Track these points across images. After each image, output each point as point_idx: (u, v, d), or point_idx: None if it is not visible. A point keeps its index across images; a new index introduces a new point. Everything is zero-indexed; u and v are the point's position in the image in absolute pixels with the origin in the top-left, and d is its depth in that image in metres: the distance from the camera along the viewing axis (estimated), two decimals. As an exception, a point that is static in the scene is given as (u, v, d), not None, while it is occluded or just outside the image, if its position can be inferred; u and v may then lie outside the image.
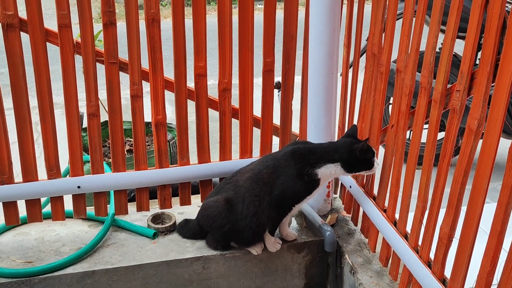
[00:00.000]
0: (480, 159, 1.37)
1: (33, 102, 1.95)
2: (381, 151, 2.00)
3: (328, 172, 1.89)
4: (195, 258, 2.07)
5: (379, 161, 1.94)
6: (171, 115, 3.15)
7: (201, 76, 2.11)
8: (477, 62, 1.85)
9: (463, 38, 1.46)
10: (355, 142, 1.91)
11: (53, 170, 2.10)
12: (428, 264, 1.68)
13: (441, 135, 1.71)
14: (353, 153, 1.87)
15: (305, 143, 2.00)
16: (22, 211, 2.15)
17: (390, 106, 3.13)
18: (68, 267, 1.99)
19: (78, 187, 2.12)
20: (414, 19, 1.68)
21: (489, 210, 1.39)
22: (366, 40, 3.21)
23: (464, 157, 1.44)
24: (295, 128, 2.37)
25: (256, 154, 2.30)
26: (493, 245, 1.35)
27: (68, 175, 2.16)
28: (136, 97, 2.09)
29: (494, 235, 1.34)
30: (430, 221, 1.65)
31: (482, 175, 1.37)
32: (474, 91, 1.41)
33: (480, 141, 1.39)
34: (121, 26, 1.85)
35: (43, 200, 2.23)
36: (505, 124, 1.32)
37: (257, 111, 2.24)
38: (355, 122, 2.23)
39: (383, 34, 1.89)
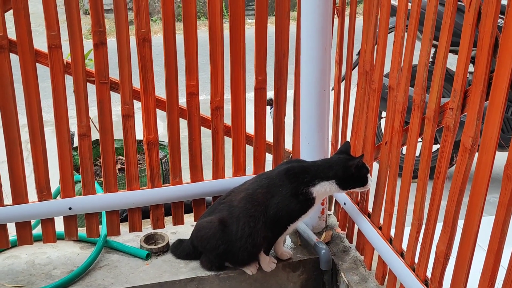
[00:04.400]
0: (475, 177, 1.37)
1: (23, 119, 1.93)
2: (375, 168, 2.00)
3: (323, 190, 1.88)
4: (189, 279, 2.03)
5: (373, 178, 1.93)
6: (162, 131, 3.13)
7: (193, 94, 2.10)
8: (469, 76, 1.86)
9: (455, 52, 1.47)
10: (350, 159, 1.89)
11: (44, 192, 2.07)
12: (425, 282, 1.67)
13: (435, 146, 1.70)
14: (349, 170, 1.86)
15: (298, 162, 1.99)
16: (12, 231, 2.11)
17: (383, 121, 3.15)
18: (59, 291, 1.95)
19: (70, 208, 2.09)
20: (406, 34, 1.68)
21: (484, 223, 1.39)
22: (357, 54, 3.24)
23: (459, 175, 1.44)
24: (288, 144, 2.36)
25: (250, 171, 2.28)
26: (490, 264, 1.34)
27: (59, 196, 2.13)
28: (128, 116, 2.07)
29: (492, 254, 1.33)
30: (426, 238, 1.64)
31: (478, 194, 1.36)
32: (467, 109, 1.41)
33: (476, 154, 1.38)
34: (112, 42, 1.83)
35: (33, 221, 2.19)
36: (499, 138, 1.31)
37: (249, 126, 2.22)
38: (348, 138, 2.23)
39: (375, 51, 1.89)
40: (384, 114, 2.93)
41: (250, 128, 2.24)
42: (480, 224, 1.38)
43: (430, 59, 1.69)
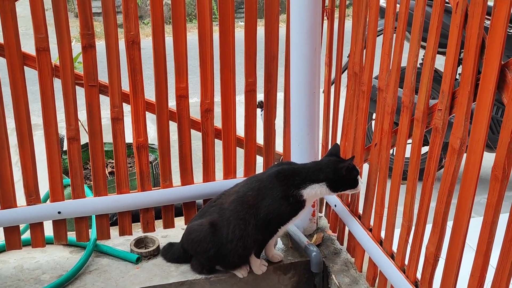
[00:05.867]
0: (464, 178, 1.37)
1: (12, 123, 1.91)
2: (365, 169, 2.00)
3: (314, 192, 1.87)
4: (180, 282, 2.02)
5: (363, 180, 1.93)
6: (153, 134, 3.13)
7: (182, 97, 2.09)
8: (457, 77, 1.87)
9: (443, 53, 1.47)
10: (340, 161, 1.89)
11: (32, 196, 2.05)
12: (415, 284, 1.67)
13: (424, 149, 1.71)
14: (339, 172, 1.86)
15: (289, 164, 1.99)
16: (0, 236, 2.09)
17: (373, 122, 3.16)
18: (48, 296, 1.94)
19: (59, 212, 2.07)
20: (394, 36, 1.68)
21: (475, 224, 1.39)
22: (347, 57, 3.24)
23: (448, 176, 1.44)
24: (279, 146, 2.36)
25: (240, 174, 2.28)
26: (479, 265, 1.34)
27: (48, 200, 2.12)
28: (117, 119, 2.06)
29: (480, 255, 1.33)
30: (416, 240, 1.64)
31: (466, 194, 1.36)
32: (455, 110, 1.41)
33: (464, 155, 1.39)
34: (101, 45, 1.83)
35: (22, 226, 2.18)
36: (488, 139, 1.32)
37: (240, 129, 2.22)
38: (338, 140, 2.23)
39: (364, 53, 1.89)
40: (375, 115, 2.93)
41: (240, 131, 2.24)
42: (469, 225, 1.38)
43: (420, 61, 1.69)
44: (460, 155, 1.40)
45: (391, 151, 1.85)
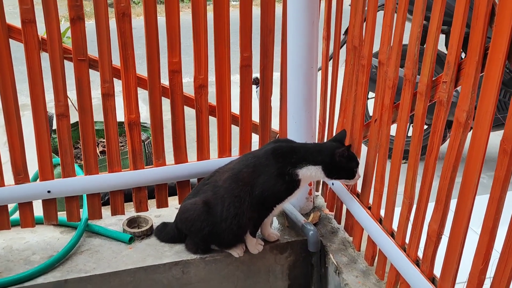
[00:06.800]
0: (470, 153, 1.32)
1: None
2: (364, 147, 1.94)
3: (309, 174, 1.83)
4: (174, 262, 1.98)
5: (361, 158, 1.88)
6: (145, 114, 3.06)
7: (175, 72, 2.02)
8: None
9: (444, 32, 1.42)
10: (339, 147, 1.84)
11: (21, 175, 1.98)
12: (416, 262, 1.63)
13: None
14: (334, 157, 1.81)
15: (287, 142, 1.93)
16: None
17: (368, 101, 3.10)
18: (38, 277, 1.88)
19: (48, 191, 2.01)
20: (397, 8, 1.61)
21: (476, 203, 1.34)
22: (344, 34, 3.17)
23: (452, 151, 1.39)
24: (275, 125, 2.29)
25: (235, 152, 2.22)
26: (485, 242, 1.30)
27: (37, 180, 2.05)
28: (108, 95, 1.99)
29: (486, 232, 1.29)
30: (417, 218, 1.60)
31: (472, 170, 1.31)
32: (461, 82, 1.35)
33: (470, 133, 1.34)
34: (90, 25, 1.75)
35: (11, 206, 2.11)
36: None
37: (235, 108, 2.16)
38: (336, 117, 2.18)
39: (364, 25, 1.83)
40: (371, 95, 2.87)
41: (235, 110, 2.17)
42: (474, 201, 1.34)
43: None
44: (466, 129, 1.34)
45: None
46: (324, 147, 1.86)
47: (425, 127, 1.71)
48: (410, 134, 1.63)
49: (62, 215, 2.13)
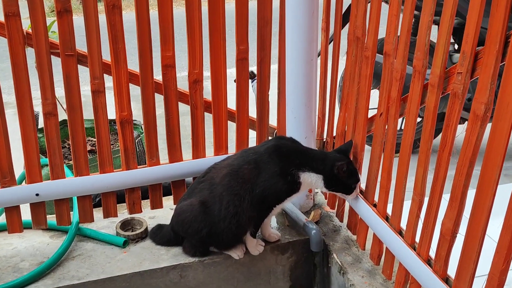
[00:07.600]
0: (489, 146, 1.25)
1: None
2: (366, 148, 1.87)
3: (309, 180, 1.78)
4: (171, 266, 1.89)
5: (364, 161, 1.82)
6: (136, 112, 2.97)
7: (169, 66, 1.93)
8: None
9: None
10: (341, 159, 1.78)
11: (7, 178, 1.87)
12: (428, 262, 1.56)
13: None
14: (333, 169, 1.76)
15: (292, 141, 1.86)
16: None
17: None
18: (28, 285, 1.78)
19: (37, 194, 1.91)
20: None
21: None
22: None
23: (469, 146, 1.32)
24: (272, 121, 2.21)
25: (232, 150, 2.13)
26: (506, 241, 1.23)
27: (24, 182, 1.94)
28: (98, 92, 1.88)
29: (508, 230, 1.22)
30: (429, 215, 1.53)
31: (493, 163, 1.24)
32: (479, 72, 1.28)
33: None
34: (78, 19, 1.65)
35: (-3, 211, 2.01)
36: None
37: (231, 104, 2.07)
38: (336, 111, 2.10)
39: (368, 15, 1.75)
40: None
41: (232, 105, 2.08)
42: (495, 198, 1.27)
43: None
44: (484, 123, 1.27)
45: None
46: (329, 157, 1.81)
47: (418, 120, 1.65)
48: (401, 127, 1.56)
49: (51, 219, 2.02)
